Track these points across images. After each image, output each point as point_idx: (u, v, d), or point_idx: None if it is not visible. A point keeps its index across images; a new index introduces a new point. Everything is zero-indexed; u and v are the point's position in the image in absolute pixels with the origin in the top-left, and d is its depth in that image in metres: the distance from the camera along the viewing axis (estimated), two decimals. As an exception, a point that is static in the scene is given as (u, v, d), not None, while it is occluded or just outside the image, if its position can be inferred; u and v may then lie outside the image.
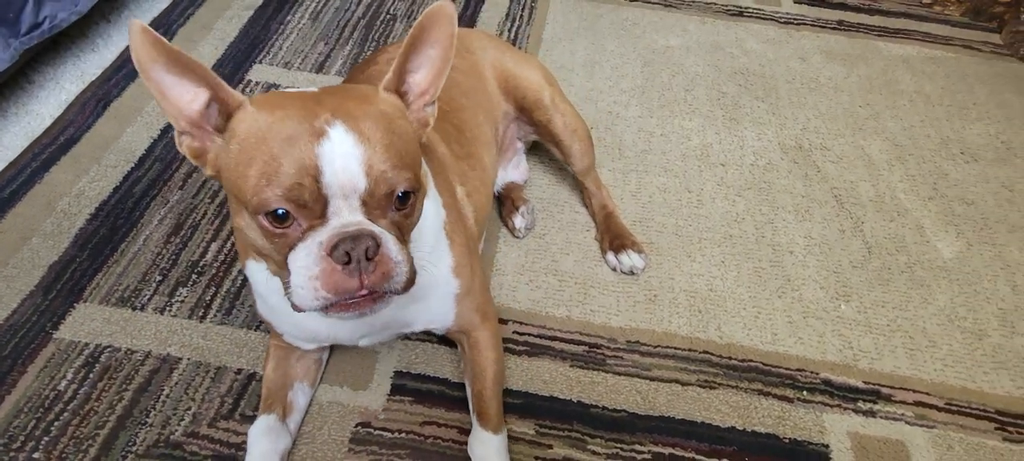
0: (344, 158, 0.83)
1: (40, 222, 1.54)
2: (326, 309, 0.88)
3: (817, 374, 1.37)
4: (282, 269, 0.89)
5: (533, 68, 1.58)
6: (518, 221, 1.57)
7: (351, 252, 0.84)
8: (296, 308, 0.89)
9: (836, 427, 1.29)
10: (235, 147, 0.87)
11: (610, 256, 1.54)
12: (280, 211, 0.84)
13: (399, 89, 0.96)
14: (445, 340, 1.35)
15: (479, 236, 1.38)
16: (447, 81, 1.38)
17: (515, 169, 1.65)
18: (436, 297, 1.17)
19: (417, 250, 1.07)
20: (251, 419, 1.20)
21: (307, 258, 0.85)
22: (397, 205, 0.89)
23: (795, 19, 2.42)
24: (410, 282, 0.92)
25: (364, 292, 0.87)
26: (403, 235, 0.93)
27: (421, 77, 0.97)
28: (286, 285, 0.89)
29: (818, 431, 1.28)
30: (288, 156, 0.82)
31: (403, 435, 1.22)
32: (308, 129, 0.83)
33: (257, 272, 1.05)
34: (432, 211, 1.12)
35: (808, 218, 1.69)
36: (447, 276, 1.16)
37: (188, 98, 0.89)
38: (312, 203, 0.84)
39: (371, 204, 0.87)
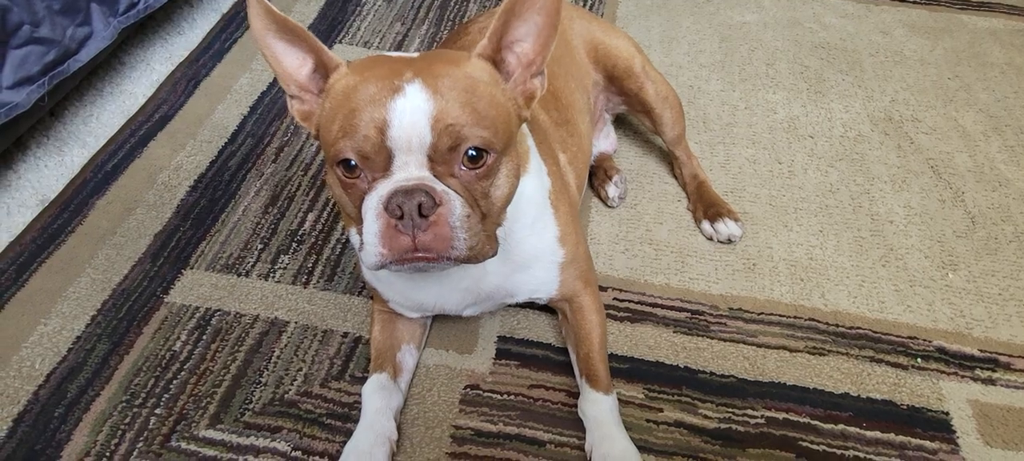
0: (413, 112, 0.84)
1: (143, 194, 1.57)
2: (386, 265, 0.89)
3: (930, 342, 1.33)
4: (357, 223, 0.92)
5: (621, 37, 1.57)
6: (611, 190, 1.56)
7: (403, 206, 0.84)
8: (365, 265, 0.91)
9: (955, 395, 1.25)
10: (328, 105, 0.93)
11: (705, 225, 1.52)
12: (351, 161, 0.87)
13: (495, 57, 0.95)
14: (544, 307, 1.35)
15: (578, 203, 1.37)
16: None
17: (605, 139, 1.64)
18: (541, 267, 1.16)
19: (520, 219, 1.08)
20: (360, 380, 1.21)
21: (371, 213, 0.87)
22: (467, 163, 0.88)
23: (873, -6, 2.36)
24: (480, 253, 0.90)
25: (417, 252, 0.87)
26: (476, 199, 0.91)
27: (528, 47, 0.95)
28: (359, 245, 0.92)
29: (936, 398, 1.24)
30: (365, 110, 0.86)
31: (512, 397, 1.22)
32: (388, 86, 0.86)
33: (357, 238, 1.06)
34: (536, 181, 1.11)
35: (905, 189, 1.65)
36: (552, 246, 1.15)
37: (297, 64, 0.96)
38: (375, 155, 0.86)
39: (437, 159, 0.87)
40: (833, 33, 2.17)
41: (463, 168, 0.89)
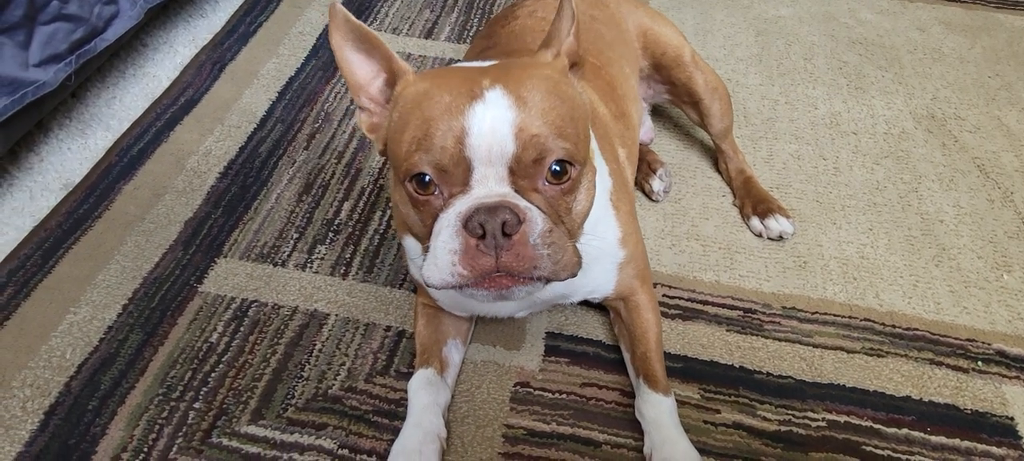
0: (494, 120, 0.78)
1: (172, 179, 1.52)
2: (460, 288, 0.82)
3: (990, 345, 1.29)
4: (426, 242, 0.85)
5: (669, 25, 1.53)
6: (656, 184, 1.51)
7: (486, 225, 0.77)
8: (428, 284, 0.83)
9: (1019, 400, 1.21)
10: (396, 115, 0.87)
11: (755, 221, 1.47)
12: (425, 177, 0.80)
13: (575, 56, 0.91)
14: (593, 303, 1.30)
15: (635, 197, 1.32)
16: (593, 34, 1.34)
17: (642, 128, 1.59)
18: (600, 268, 1.10)
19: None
20: (406, 376, 1.16)
21: (447, 231, 0.79)
22: (551, 178, 0.81)
23: (907, -10, 2.32)
24: (565, 270, 0.82)
25: (499, 273, 0.79)
26: (560, 214, 0.84)
27: (570, 42, 0.92)
28: (422, 263, 0.85)
29: (1000, 403, 1.20)
30: (440, 120, 0.79)
31: (564, 396, 1.18)
32: (466, 93, 0.80)
33: (414, 246, 1.01)
34: (599, 182, 1.02)
35: (953, 187, 1.61)
36: (613, 247, 1.10)
37: (371, 75, 0.91)
38: (453, 167, 0.79)
39: (519, 173, 0.80)
40: (869, 29, 2.13)
41: (547, 183, 0.82)
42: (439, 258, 0.80)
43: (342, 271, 1.35)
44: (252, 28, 1.97)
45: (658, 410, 1.09)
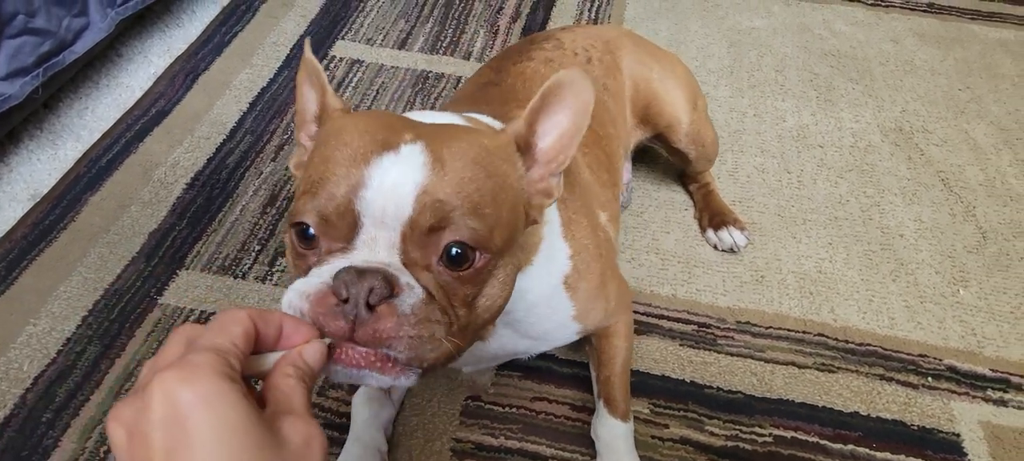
0: (399, 175, 0.66)
1: (138, 190, 1.54)
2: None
3: (941, 360, 1.30)
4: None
5: (679, 90, 1.43)
6: (617, 198, 1.52)
7: (350, 288, 0.62)
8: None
9: (966, 416, 1.22)
10: (312, 152, 0.76)
11: (710, 233, 1.49)
12: (308, 230, 0.68)
13: (528, 140, 0.79)
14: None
15: (617, 247, 1.24)
16: (599, 105, 1.25)
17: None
18: (556, 337, 1.04)
19: (533, 310, 0.94)
20: (358, 388, 1.18)
21: (314, 279, 0.65)
22: (448, 261, 0.68)
23: (883, 1, 2.33)
24: (425, 361, 0.66)
25: (353, 346, 0.63)
26: (453, 304, 0.69)
27: (548, 143, 0.80)
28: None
29: (947, 419, 1.21)
30: (341, 164, 0.67)
31: (514, 410, 1.19)
32: (380, 141, 0.68)
33: None
34: (544, 270, 0.92)
35: (916, 201, 1.62)
36: (566, 321, 1.01)
37: (315, 110, 0.82)
38: (337, 220, 0.66)
39: (412, 243, 0.66)
40: (843, 40, 2.14)
41: (441, 265, 0.68)
42: (290, 294, 0.65)
43: (302, 284, 1.37)
44: (227, 38, 1.98)
45: (613, 434, 1.10)
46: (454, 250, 0.67)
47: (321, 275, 0.65)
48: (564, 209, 0.98)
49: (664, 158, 1.67)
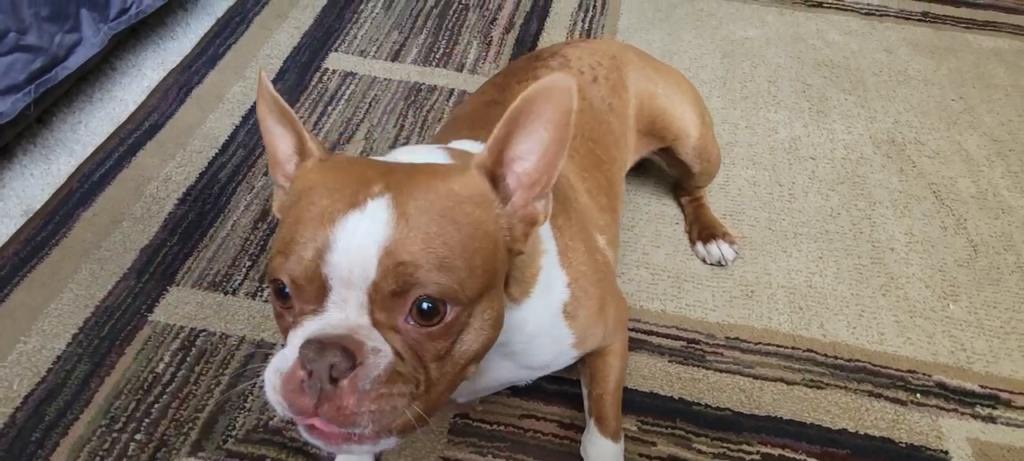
0: (364, 236, 0.66)
1: (130, 206, 1.54)
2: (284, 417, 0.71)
3: (930, 376, 1.30)
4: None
5: (688, 106, 1.41)
6: (607, 212, 1.52)
7: (312, 363, 0.64)
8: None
9: (954, 433, 1.22)
10: (286, 201, 0.77)
11: (699, 246, 1.49)
12: (284, 288, 0.69)
13: (496, 170, 0.76)
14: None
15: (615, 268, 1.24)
16: (605, 127, 1.25)
17: None
18: (557, 363, 1.04)
19: (533, 340, 0.93)
20: (347, 407, 1.18)
21: (290, 348, 0.68)
22: (417, 317, 0.67)
23: (877, 10, 2.33)
24: (391, 434, 0.68)
25: (316, 423, 0.66)
26: (425, 363, 0.69)
27: (529, 165, 0.76)
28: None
29: (936, 436, 1.21)
30: (309, 225, 0.68)
31: (502, 428, 1.19)
32: (346, 199, 0.68)
33: None
34: (543, 301, 0.91)
35: (907, 214, 1.62)
36: (565, 349, 1.01)
37: (289, 152, 0.81)
38: (307, 283, 0.67)
39: (377, 304, 0.67)
40: (836, 51, 2.14)
41: (411, 321, 0.68)
42: (268, 375, 0.68)
43: (292, 300, 1.37)
44: (221, 51, 1.99)
45: (602, 453, 1.10)
46: (424, 305, 0.67)
47: (292, 344, 0.67)
48: (560, 236, 0.96)
49: (656, 170, 1.68)
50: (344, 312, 0.67)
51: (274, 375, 0.67)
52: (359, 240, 0.66)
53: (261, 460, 1.13)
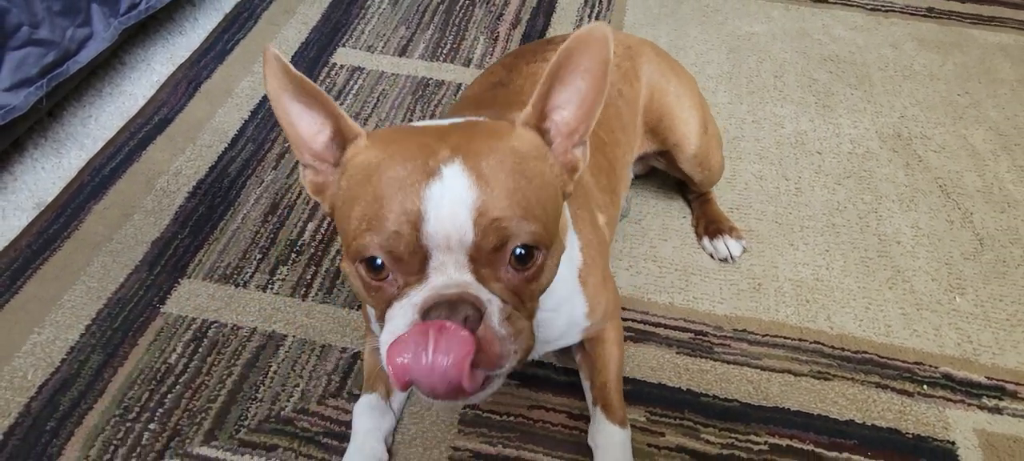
0: (453, 203, 0.71)
1: (141, 199, 1.55)
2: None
3: (936, 368, 1.31)
4: (379, 319, 0.80)
5: (692, 109, 1.42)
6: (615, 206, 1.53)
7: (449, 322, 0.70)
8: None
9: (961, 424, 1.23)
10: (345, 183, 0.80)
11: (705, 241, 1.50)
12: (377, 261, 0.74)
13: (540, 124, 0.82)
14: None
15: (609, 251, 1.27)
16: (614, 110, 1.27)
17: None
18: (566, 337, 1.09)
19: (548, 299, 0.95)
20: (359, 397, 1.19)
21: (401, 320, 0.73)
22: (515, 264, 0.75)
23: (883, 6, 2.33)
24: (524, 356, 0.77)
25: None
26: (523, 300, 0.78)
27: (568, 114, 0.82)
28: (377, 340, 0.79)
29: (942, 427, 1.22)
30: (392, 199, 0.72)
31: (511, 418, 1.20)
32: (420, 168, 0.73)
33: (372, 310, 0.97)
34: (567, 258, 0.96)
35: (913, 208, 1.62)
36: (579, 319, 1.07)
37: (314, 130, 0.82)
38: (408, 256, 0.72)
39: (480, 261, 0.74)
40: (842, 46, 2.15)
41: (511, 270, 0.75)
42: (388, 346, 0.73)
43: (302, 292, 1.38)
44: (229, 46, 2.00)
45: (611, 441, 1.10)
46: (519, 252, 0.74)
47: (406, 314, 0.73)
48: (571, 203, 1.01)
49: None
50: (446, 274, 0.73)
51: (396, 347, 0.71)
52: (448, 208, 0.71)
53: (273, 449, 1.14)
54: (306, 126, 0.82)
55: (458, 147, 0.74)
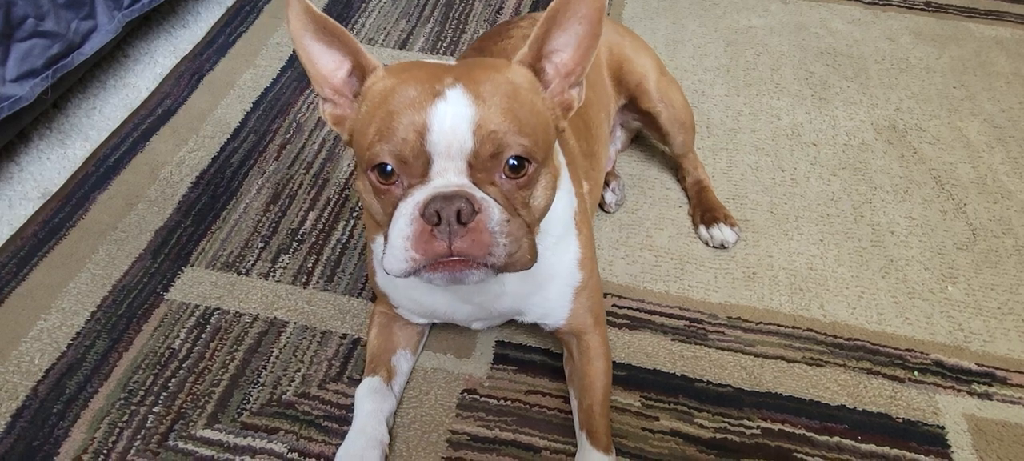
0: (454, 117, 0.82)
1: (145, 189, 1.58)
2: (416, 272, 0.86)
3: (927, 355, 1.33)
4: (385, 228, 0.90)
5: (647, 55, 1.53)
6: (608, 196, 1.56)
7: (441, 212, 0.82)
8: (388, 272, 0.88)
9: (950, 409, 1.25)
10: (364, 109, 0.90)
11: (701, 229, 1.52)
12: (387, 167, 0.85)
13: (535, 65, 0.93)
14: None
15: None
16: None
17: (611, 148, 1.63)
18: (556, 288, 1.13)
19: (547, 235, 1.05)
20: (358, 382, 1.21)
21: (404, 218, 0.85)
22: (508, 172, 0.86)
23: (880, 0, 2.35)
24: (519, 261, 0.87)
25: (454, 257, 0.84)
26: (516, 208, 0.88)
27: (566, 57, 0.92)
28: (383, 251, 0.89)
29: (932, 412, 1.24)
30: (402, 114, 0.83)
31: (509, 403, 1.22)
32: (428, 90, 0.84)
33: (380, 248, 1.02)
34: (566, 198, 1.08)
35: (907, 199, 1.64)
36: (571, 267, 1.13)
37: (334, 66, 0.93)
38: (413, 160, 0.84)
39: (478, 167, 0.85)
40: (839, 39, 2.16)
41: (504, 177, 0.87)
42: (394, 244, 0.85)
43: (303, 280, 1.41)
44: (231, 39, 2.02)
45: None
46: (512, 161, 0.85)
47: (408, 209, 0.84)
48: (565, 154, 1.12)
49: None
50: (446, 177, 0.84)
51: (402, 239, 0.84)
52: (451, 121, 0.82)
53: (275, 432, 1.16)
54: (326, 63, 0.92)
55: (461, 75, 0.86)
